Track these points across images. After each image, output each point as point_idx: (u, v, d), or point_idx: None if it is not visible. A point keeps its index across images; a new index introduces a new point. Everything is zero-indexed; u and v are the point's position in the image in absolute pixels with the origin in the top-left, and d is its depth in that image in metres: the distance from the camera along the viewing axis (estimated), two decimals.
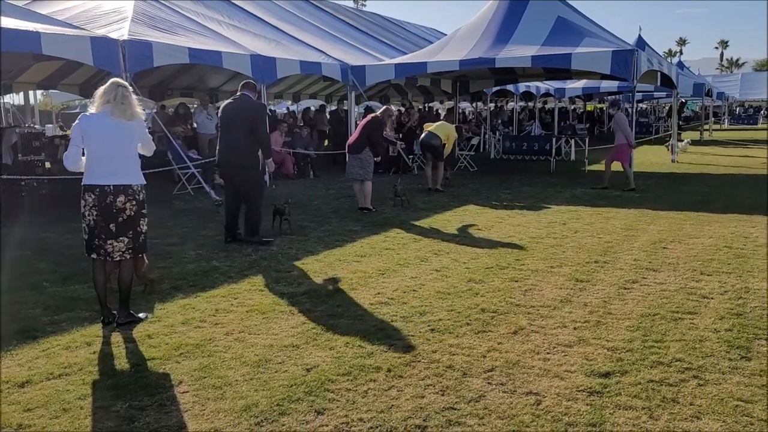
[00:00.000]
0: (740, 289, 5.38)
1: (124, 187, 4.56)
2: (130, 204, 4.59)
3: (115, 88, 4.55)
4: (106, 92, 4.54)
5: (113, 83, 4.60)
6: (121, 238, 4.60)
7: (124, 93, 4.56)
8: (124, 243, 4.62)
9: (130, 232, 4.63)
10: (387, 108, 10.09)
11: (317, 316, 4.84)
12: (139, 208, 4.67)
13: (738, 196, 10.76)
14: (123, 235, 4.60)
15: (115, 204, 4.53)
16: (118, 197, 4.54)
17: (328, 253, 6.96)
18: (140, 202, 4.67)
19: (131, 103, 4.59)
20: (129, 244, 4.64)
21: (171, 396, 3.52)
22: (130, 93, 4.62)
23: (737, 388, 3.55)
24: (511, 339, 4.36)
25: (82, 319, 4.77)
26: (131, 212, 4.61)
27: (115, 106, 4.52)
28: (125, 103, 4.54)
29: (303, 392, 3.56)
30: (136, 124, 4.65)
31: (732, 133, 32.16)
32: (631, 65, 12.22)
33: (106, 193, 4.52)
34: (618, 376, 3.73)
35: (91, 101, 4.65)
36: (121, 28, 10.41)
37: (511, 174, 14.73)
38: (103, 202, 4.52)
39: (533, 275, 5.95)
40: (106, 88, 4.56)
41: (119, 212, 4.56)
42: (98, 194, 4.52)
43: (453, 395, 3.53)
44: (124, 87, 4.59)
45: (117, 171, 4.55)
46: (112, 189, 4.53)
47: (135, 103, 4.63)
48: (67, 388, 3.60)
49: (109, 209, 4.53)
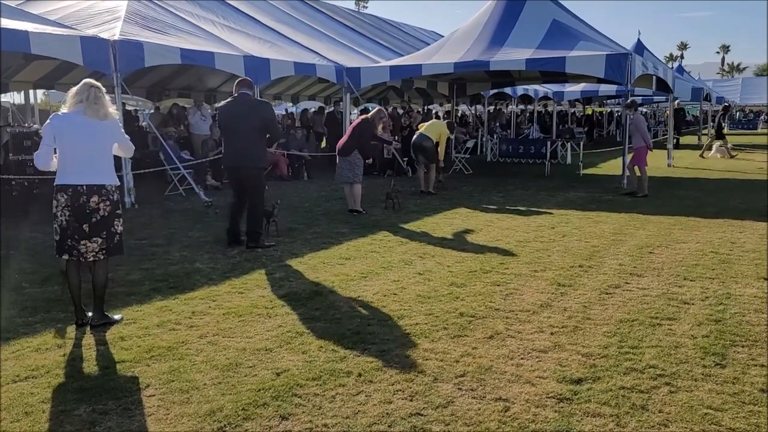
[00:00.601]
0: (722, 295, 5.34)
1: (97, 187, 4.53)
2: (104, 204, 4.55)
3: (87, 89, 4.53)
4: (78, 92, 4.52)
5: (85, 83, 4.58)
6: (94, 238, 4.55)
7: (97, 93, 4.53)
8: (98, 243, 4.57)
9: (104, 232, 4.59)
10: (379, 109, 10.05)
11: (294, 320, 4.81)
12: (114, 208, 4.62)
13: (730, 201, 10.72)
14: (97, 236, 4.56)
15: (88, 204, 4.50)
16: (92, 197, 4.50)
17: (313, 255, 6.93)
18: (114, 202, 4.63)
19: (104, 103, 4.56)
20: (103, 245, 4.60)
21: (136, 400, 3.49)
22: (103, 93, 4.60)
23: (708, 396, 3.52)
24: (486, 344, 4.33)
25: (57, 321, 4.74)
26: (105, 212, 4.56)
27: (87, 105, 4.49)
28: (98, 103, 4.51)
29: (270, 397, 3.53)
30: (109, 123, 4.61)
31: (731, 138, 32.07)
32: (625, 69, 12.18)
33: (79, 193, 4.48)
34: (590, 383, 3.69)
35: (63, 101, 4.63)
36: (113, 28, 10.41)
37: (506, 177, 14.70)
38: (76, 203, 4.48)
39: (516, 279, 5.92)
40: (78, 89, 4.54)
41: (93, 212, 4.52)
42: (71, 194, 4.48)
43: (421, 401, 3.49)
44: (96, 87, 4.57)
45: (90, 171, 4.52)
46: (85, 189, 4.49)
47: (108, 104, 4.60)
48: (32, 391, 3.57)
49: (82, 209, 4.49)
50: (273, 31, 15.45)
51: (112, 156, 4.70)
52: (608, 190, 12.31)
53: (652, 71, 14.76)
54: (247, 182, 7.23)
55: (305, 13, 19.00)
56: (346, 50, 16.87)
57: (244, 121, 7.09)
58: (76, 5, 12.04)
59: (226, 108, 7.36)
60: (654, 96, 29.33)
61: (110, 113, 4.61)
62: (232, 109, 7.26)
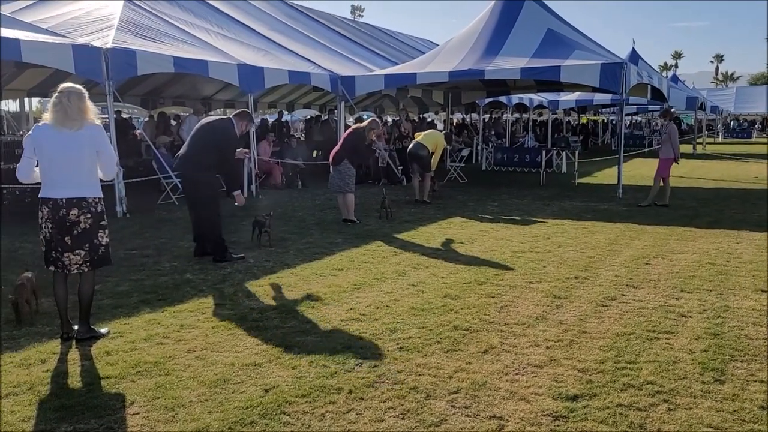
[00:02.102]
0: (719, 308, 5.27)
1: (77, 200, 4.39)
2: (85, 217, 4.42)
3: (63, 96, 4.29)
4: (53, 101, 4.31)
5: (60, 90, 4.32)
6: (77, 251, 4.44)
7: (71, 100, 4.28)
8: (81, 256, 4.46)
9: (87, 245, 4.47)
10: (373, 120, 9.98)
11: (284, 333, 4.71)
12: (96, 220, 4.49)
13: (726, 211, 10.68)
14: (79, 248, 4.44)
15: (68, 217, 4.37)
16: (71, 210, 4.37)
17: (306, 266, 6.84)
18: (97, 213, 4.50)
19: (84, 109, 4.33)
20: (86, 257, 4.49)
21: (120, 418, 3.38)
22: (82, 99, 4.33)
23: (708, 414, 3.43)
24: (480, 358, 4.24)
25: (41, 335, 4.63)
26: (86, 225, 4.44)
27: (66, 114, 4.27)
28: (76, 110, 4.27)
29: (258, 415, 3.43)
30: (86, 132, 4.36)
31: (726, 147, 32.20)
32: (620, 78, 12.15)
33: (59, 206, 4.36)
34: (586, 400, 3.61)
35: (45, 109, 4.48)
36: (106, 36, 10.33)
37: (501, 186, 14.64)
38: (56, 216, 4.36)
39: (511, 291, 5.83)
40: (54, 97, 4.33)
41: (73, 225, 4.40)
42: (51, 207, 4.36)
43: (413, 419, 3.40)
44: (72, 93, 4.30)
45: (69, 183, 4.36)
46: (64, 202, 4.36)
47: (86, 110, 4.35)
48: (13, 408, 3.47)
49: (62, 222, 4.37)
50: (267, 39, 15.41)
51: (94, 166, 4.48)
52: (603, 199, 12.26)
53: (647, 80, 14.75)
54: (190, 192, 7.21)
55: (300, 22, 18.96)
56: (340, 59, 16.83)
57: (199, 132, 7.10)
58: (70, 13, 11.95)
59: (196, 121, 7.47)
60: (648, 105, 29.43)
61: (88, 120, 4.36)
62: (202, 122, 7.34)
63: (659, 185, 11.29)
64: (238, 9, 16.53)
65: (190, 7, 14.44)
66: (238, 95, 19.14)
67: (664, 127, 11.50)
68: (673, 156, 11.16)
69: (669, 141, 11.16)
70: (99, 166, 4.53)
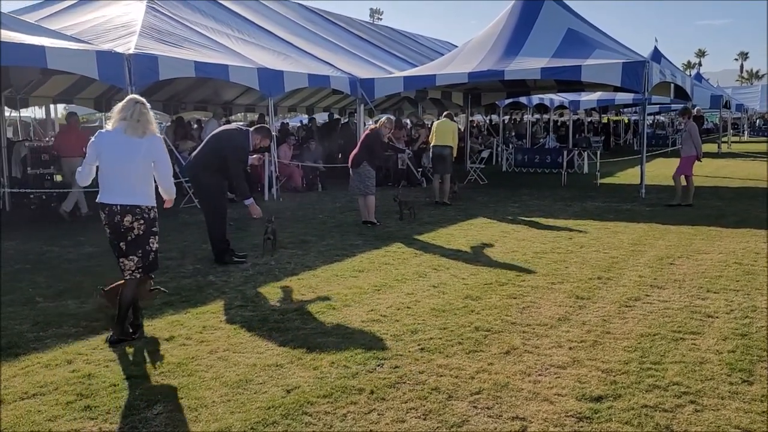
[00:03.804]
0: (747, 308, 5.17)
1: (131, 207, 4.50)
2: (138, 224, 4.54)
3: (132, 105, 4.49)
4: (123, 109, 4.50)
5: (130, 99, 4.55)
6: (131, 257, 4.58)
7: (141, 110, 4.49)
8: (134, 262, 4.59)
9: (140, 251, 4.59)
10: (387, 118, 9.91)
11: (306, 334, 4.73)
12: (149, 226, 4.60)
13: (752, 210, 10.49)
14: (132, 254, 4.58)
15: (122, 224, 4.51)
16: (125, 217, 4.50)
17: (326, 267, 6.86)
18: (150, 220, 4.61)
19: (147, 120, 4.50)
20: (138, 263, 4.61)
21: (144, 418, 3.42)
22: (148, 110, 4.55)
23: (736, 415, 3.37)
24: (502, 359, 4.21)
25: (68, 336, 4.70)
26: (140, 231, 4.56)
27: (129, 123, 4.45)
28: (141, 120, 4.46)
29: (280, 415, 3.44)
30: (146, 142, 4.50)
31: (751, 146, 31.66)
32: (642, 77, 12.01)
33: (114, 212, 4.49)
34: (610, 401, 3.56)
35: (108, 116, 4.63)
36: (128, 42, 10.46)
37: (522, 187, 14.54)
38: (111, 221, 4.52)
39: (533, 292, 5.79)
40: (123, 105, 4.51)
41: (127, 231, 4.53)
42: (107, 213, 4.52)
43: (435, 420, 3.39)
44: (141, 104, 4.52)
45: (124, 190, 4.49)
46: (119, 209, 4.49)
47: (151, 120, 4.54)
48: (39, 408, 3.52)
49: (117, 228, 4.52)
50: (287, 43, 15.49)
51: (149, 175, 4.60)
52: (626, 199, 12.13)
53: (669, 79, 14.56)
54: (196, 194, 7.37)
55: (319, 25, 19.04)
56: (360, 61, 16.87)
57: (210, 140, 7.22)
58: (93, 20, 12.13)
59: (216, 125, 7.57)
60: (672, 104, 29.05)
61: (150, 130, 4.53)
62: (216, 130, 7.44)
63: (682, 184, 11.12)
64: (258, 13, 16.66)
65: (211, 13, 14.58)
66: (259, 99, 19.27)
67: (684, 125, 11.38)
68: (695, 154, 11.01)
69: (690, 139, 11.04)
70: (156, 177, 4.65)
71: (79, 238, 8.67)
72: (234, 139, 7.02)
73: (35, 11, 13.74)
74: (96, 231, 9.10)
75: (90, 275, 6.56)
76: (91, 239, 8.43)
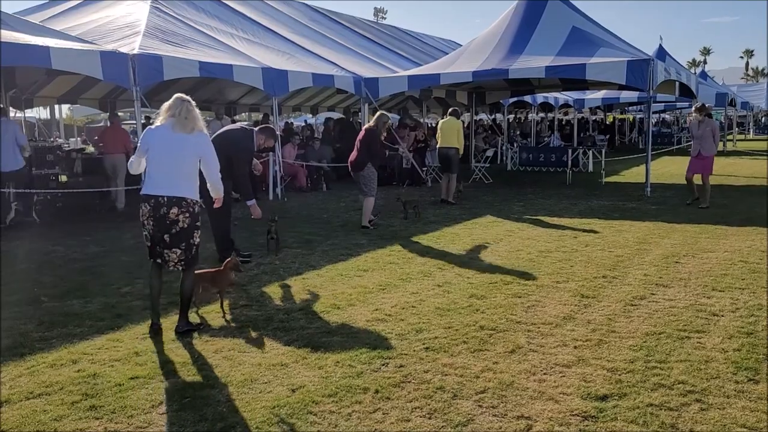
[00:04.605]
0: (753, 306, 5.15)
1: (177, 199, 4.61)
2: (183, 216, 4.63)
3: (180, 103, 4.65)
4: (171, 107, 4.66)
5: (177, 98, 4.71)
6: (174, 249, 4.67)
7: (188, 107, 4.65)
8: (177, 254, 4.68)
9: (183, 243, 4.68)
10: (381, 114, 9.57)
11: (311, 333, 4.73)
12: (193, 220, 4.70)
13: (758, 209, 10.44)
14: (176, 246, 4.67)
15: (168, 216, 4.58)
16: (171, 209, 4.59)
17: (331, 267, 6.86)
18: (194, 214, 4.71)
19: (195, 117, 4.67)
20: (182, 256, 4.70)
21: (149, 418, 3.42)
22: (194, 107, 4.71)
23: (742, 414, 3.36)
24: (507, 358, 4.20)
25: (73, 336, 4.71)
26: (184, 224, 4.65)
27: (178, 120, 4.61)
28: (188, 117, 4.63)
29: (285, 414, 3.44)
30: (194, 138, 4.66)
31: (757, 144, 31.54)
32: (647, 75, 11.97)
33: (160, 203, 4.58)
34: (616, 400, 3.55)
35: (156, 114, 4.78)
36: (132, 42, 10.49)
37: (526, 186, 14.53)
38: (157, 213, 4.59)
39: (537, 291, 5.78)
40: (171, 103, 4.68)
41: (172, 224, 4.61)
42: (153, 205, 4.60)
43: (440, 419, 3.38)
44: (188, 102, 4.69)
45: (171, 184, 4.61)
46: (165, 200, 4.58)
47: (198, 117, 4.70)
48: (45, 408, 3.53)
49: (162, 220, 4.59)
50: (291, 42, 15.50)
51: (196, 171, 4.75)
52: (631, 198, 12.10)
53: (674, 77, 14.51)
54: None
55: (323, 25, 19.05)
56: (364, 61, 16.87)
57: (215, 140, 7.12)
58: (98, 20, 12.17)
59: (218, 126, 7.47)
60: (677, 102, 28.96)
61: (197, 127, 4.68)
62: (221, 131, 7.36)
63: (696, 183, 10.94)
64: (262, 13, 16.67)
65: (215, 13, 14.61)
66: (263, 99, 19.27)
67: (702, 123, 10.78)
68: (714, 152, 10.82)
69: (711, 137, 10.68)
70: (204, 173, 4.80)
71: (85, 237, 8.69)
72: (239, 140, 7.02)
73: (40, 12, 13.79)
74: (101, 231, 9.16)
75: (95, 275, 6.59)
76: (97, 239, 8.45)
